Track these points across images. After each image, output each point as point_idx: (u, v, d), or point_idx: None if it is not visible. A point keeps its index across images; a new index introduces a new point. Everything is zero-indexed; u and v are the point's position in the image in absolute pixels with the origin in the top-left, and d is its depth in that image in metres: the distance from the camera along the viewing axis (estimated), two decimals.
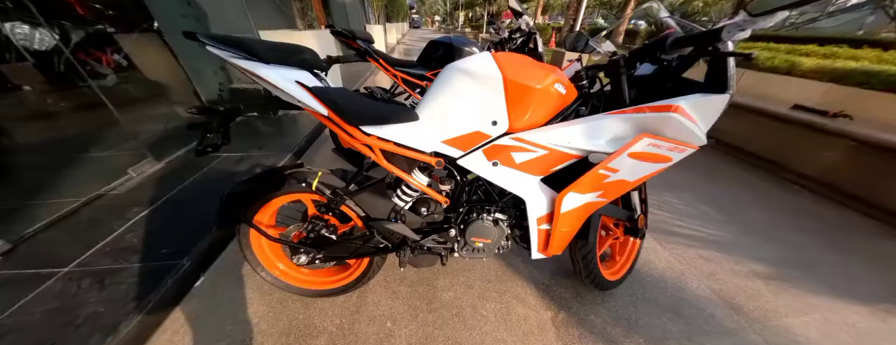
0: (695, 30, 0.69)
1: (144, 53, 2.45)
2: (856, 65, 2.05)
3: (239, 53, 0.69)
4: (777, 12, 0.54)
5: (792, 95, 2.18)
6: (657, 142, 0.71)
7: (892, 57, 2.22)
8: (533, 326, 1.11)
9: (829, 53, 2.35)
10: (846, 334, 1.12)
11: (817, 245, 1.55)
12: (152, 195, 1.61)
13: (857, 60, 2.13)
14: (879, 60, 2.16)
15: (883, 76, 1.86)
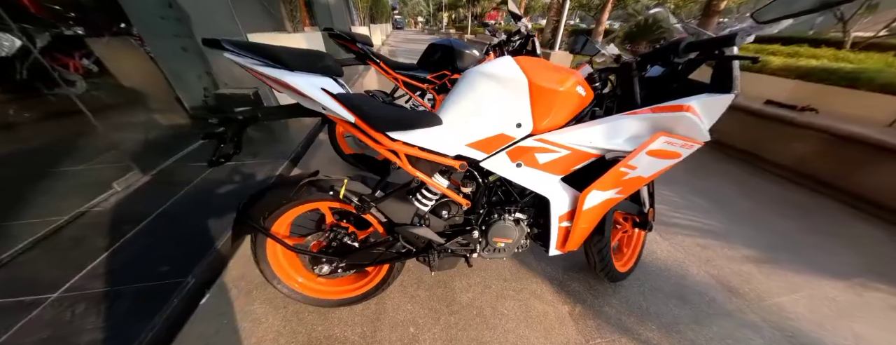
0: (705, 35, 0.74)
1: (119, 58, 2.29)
2: (817, 63, 2.26)
3: (263, 61, 0.67)
4: (781, 20, 0.59)
5: (764, 92, 2.37)
6: (672, 140, 0.76)
7: (844, 55, 2.47)
8: (553, 321, 1.14)
9: (793, 53, 2.57)
10: (828, 309, 1.23)
11: (798, 230, 1.69)
12: (142, 210, 1.52)
13: (818, 59, 2.35)
14: (836, 59, 2.40)
15: (841, 73, 2.06)
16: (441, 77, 1.76)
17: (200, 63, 2.30)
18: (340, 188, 0.79)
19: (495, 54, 1.84)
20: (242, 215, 0.87)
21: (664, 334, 1.10)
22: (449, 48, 1.69)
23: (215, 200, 1.63)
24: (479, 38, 10.13)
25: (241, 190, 1.72)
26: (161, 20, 2.01)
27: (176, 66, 2.24)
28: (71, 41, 2.58)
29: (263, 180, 1.84)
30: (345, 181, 0.82)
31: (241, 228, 0.91)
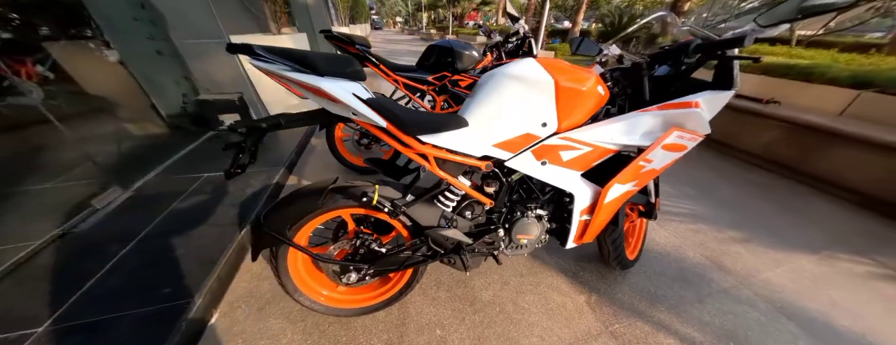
0: (711, 38, 0.81)
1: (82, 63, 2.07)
2: (776, 59, 2.51)
3: (292, 66, 0.64)
4: (781, 24, 0.66)
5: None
6: (683, 134, 0.82)
7: (798, 52, 2.77)
8: (572, 311, 1.18)
9: (753, 50, 2.84)
10: (807, 279, 1.37)
11: (772, 211, 1.87)
12: (130, 229, 1.40)
13: (775, 55, 2.61)
14: (790, 55, 2.68)
15: (798, 69, 2.31)
16: (441, 79, 1.76)
17: (178, 67, 2.15)
18: (374, 194, 0.78)
19: (493, 55, 1.87)
20: (263, 227, 0.83)
21: (674, 315, 1.18)
22: (449, 49, 1.70)
23: (210, 214, 1.53)
24: (460, 38, 10.21)
25: (237, 202, 1.63)
26: (133, 22, 1.85)
27: (150, 71, 2.07)
28: (21, 45, 2.30)
29: (261, 190, 1.75)
30: (376, 187, 0.80)
31: (262, 241, 0.87)
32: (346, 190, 0.84)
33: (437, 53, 1.74)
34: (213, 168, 1.95)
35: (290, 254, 0.93)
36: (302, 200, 0.84)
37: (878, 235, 1.67)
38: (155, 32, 1.97)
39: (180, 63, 2.14)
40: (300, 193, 0.86)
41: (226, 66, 2.26)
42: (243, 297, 1.22)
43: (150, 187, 1.73)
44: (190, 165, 1.98)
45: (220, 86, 2.33)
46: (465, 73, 1.74)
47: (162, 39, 2.01)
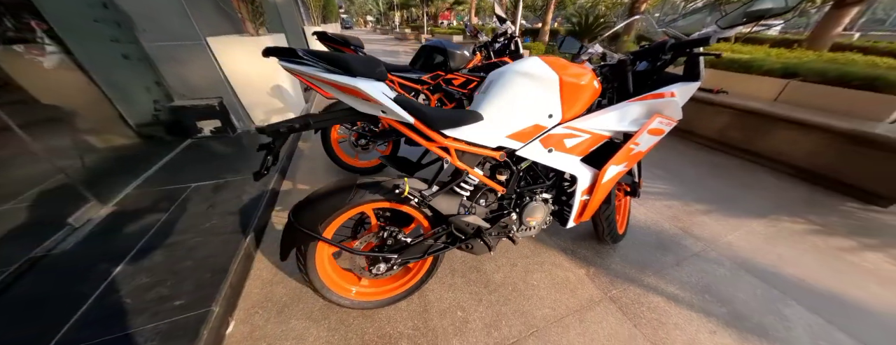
0: (682, 38, 0.95)
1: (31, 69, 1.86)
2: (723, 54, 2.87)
3: (327, 67, 0.68)
4: (737, 27, 0.81)
5: None
6: (663, 119, 0.97)
7: (738, 48, 3.18)
8: (575, 283, 1.32)
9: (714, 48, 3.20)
10: (759, 239, 1.63)
11: (727, 185, 2.16)
12: (121, 245, 1.31)
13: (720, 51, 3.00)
14: (732, 51, 3.07)
15: (740, 62, 2.66)
16: (435, 78, 1.82)
17: (148, 72, 2.00)
18: (405, 187, 0.83)
19: (482, 55, 1.96)
20: (295, 224, 0.85)
21: (659, 278, 1.35)
22: (441, 49, 1.76)
23: (208, 224, 1.47)
24: (436, 37, 10.23)
25: (235, 210, 1.58)
26: (94, 24, 1.70)
27: (115, 76, 1.91)
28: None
29: (258, 196, 1.70)
30: (406, 180, 0.86)
31: (296, 238, 0.88)
32: (375, 185, 0.89)
33: (431, 53, 1.80)
34: (200, 177, 1.86)
35: (318, 251, 0.96)
36: (331, 197, 0.87)
37: (809, 200, 2.01)
38: (120, 35, 1.81)
39: (150, 68, 1.99)
40: (328, 190, 0.89)
41: (202, 69, 2.14)
42: (259, 302, 1.21)
43: (132, 201, 1.61)
44: (173, 176, 1.86)
45: (197, 91, 2.20)
46: (458, 72, 1.82)
47: (128, 42, 1.86)
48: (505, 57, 1.81)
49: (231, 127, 2.37)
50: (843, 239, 1.64)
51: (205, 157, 2.12)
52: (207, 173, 1.89)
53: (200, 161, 2.05)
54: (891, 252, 1.54)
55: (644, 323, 1.15)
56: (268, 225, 1.63)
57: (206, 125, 2.28)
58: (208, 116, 2.24)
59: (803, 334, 1.12)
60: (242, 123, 2.52)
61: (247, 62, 2.25)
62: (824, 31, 4.52)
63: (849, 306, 1.24)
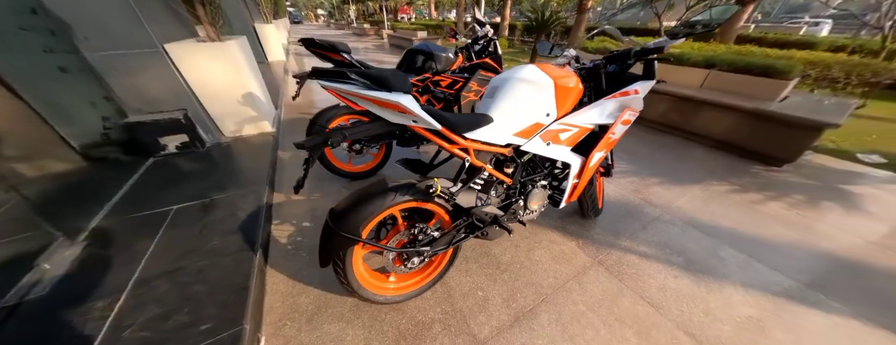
0: (643, 45, 1.17)
1: None
2: None
3: (367, 84, 0.74)
4: (681, 38, 1.05)
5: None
6: (632, 112, 1.19)
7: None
8: (569, 254, 1.55)
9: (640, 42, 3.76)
10: (698, 202, 2.03)
11: (671, 159, 2.60)
12: (111, 280, 1.21)
13: None
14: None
15: (673, 55, 3.15)
16: (423, 80, 1.90)
17: (93, 86, 1.74)
18: (437, 186, 0.93)
19: (463, 55, 2.07)
20: (336, 232, 0.90)
21: (632, 241, 1.65)
22: (429, 53, 1.84)
23: (207, 245, 1.40)
24: (397, 33, 9.94)
25: (234, 229, 1.51)
26: (21, 32, 1.43)
27: (51, 93, 1.64)
28: None
29: (254, 212, 1.64)
30: (436, 180, 0.95)
31: (338, 245, 0.93)
32: (404, 187, 0.97)
33: (418, 57, 1.86)
34: (180, 198, 1.72)
35: (354, 254, 1.02)
36: (367, 202, 0.94)
37: (729, 166, 2.52)
38: (55, 44, 1.55)
39: (95, 81, 1.74)
40: (362, 195, 0.95)
41: (161, 79, 1.92)
42: (285, 314, 1.23)
43: (106, 232, 1.45)
44: (146, 200, 1.69)
45: (156, 103, 1.97)
46: (444, 73, 1.91)
47: (66, 52, 1.60)
48: (485, 58, 1.95)
49: (199, 141, 2.18)
50: (754, 194, 2.12)
51: (177, 176, 1.94)
52: (187, 193, 1.75)
53: (173, 181, 1.87)
54: (785, 200, 2.05)
55: (627, 278, 1.41)
56: (270, 239, 1.60)
57: (171, 141, 2.06)
58: (172, 131, 2.03)
59: (734, 268, 1.48)
60: (212, 135, 2.32)
61: (211, 69, 2.07)
62: (730, 25, 5.47)
63: (761, 243, 1.65)
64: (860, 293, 1.36)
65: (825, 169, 2.50)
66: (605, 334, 1.16)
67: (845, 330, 1.20)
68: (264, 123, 2.59)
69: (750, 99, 2.64)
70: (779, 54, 3.08)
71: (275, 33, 6.18)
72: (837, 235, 1.73)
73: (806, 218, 1.87)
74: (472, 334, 1.15)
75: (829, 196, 2.11)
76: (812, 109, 2.41)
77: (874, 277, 1.46)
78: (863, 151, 2.97)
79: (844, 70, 3.02)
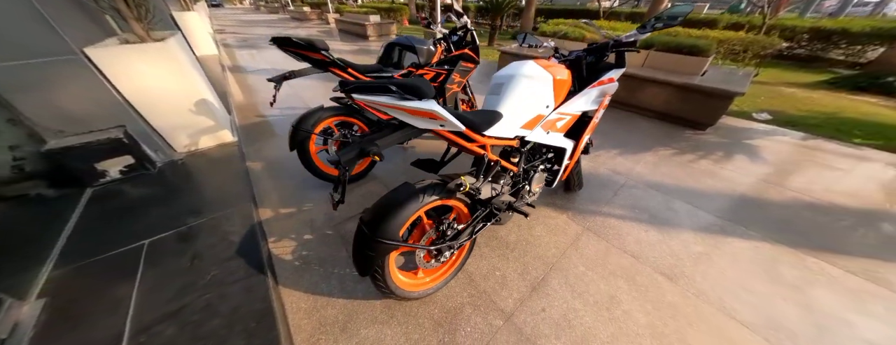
0: (617, 38, 1.31)
1: None
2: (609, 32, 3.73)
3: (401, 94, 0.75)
4: (648, 32, 1.22)
5: None
6: (608, 98, 1.37)
7: (611, 25, 4.17)
8: (562, 225, 1.76)
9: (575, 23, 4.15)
10: (651, 166, 2.41)
11: (625, 132, 3.00)
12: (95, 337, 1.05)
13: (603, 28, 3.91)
14: (612, 28, 4.02)
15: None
16: (407, 75, 1.86)
17: None
18: (465, 184, 0.99)
19: (442, 47, 2.06)
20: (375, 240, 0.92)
21: (609, 206, 1.93)
22: (410, 46, 1.79)
23: (208, 276, 1.29)
24: (346, 16, 9.07)
25: (231, 255, 1.40)
26: None
27: None
28: None
29: (248, 233, 1.52)
30: (464, 178, 1.00)
31: (379, 252, 0.95)
32: (428, 187, 1.00)
33: (399, 51, 1.81)
34: (146, 231, 1.50)
35: (391, 258, 1.05)
36: (400, 207, 0.95)
37: (669, 134, 3.00)
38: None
39: None
40: (392, 201, 0.96)
41: (86, 92, 1.57)
42: (317, 329, 1.22)
43: (64, 284, 1.22)
44: (100, 240, 1.44)
45: (83, 122, 1.62)
46: (427, 67, 1.90)
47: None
48: (464, 49, 1.98)
49: (148, 161, 1.87)
50: (689, 155, 2.58)
51: (130, 206, 1.66)
52: (154, 224, 1.53)
53: (128, 213, 1.61)
54: (710, 158, 2.55)
55: (611, 237, 1.68)
56: (272, 258, 1.52)
57: (112, 165, 1.73)
58: (112, 153, 1.70)
59: (684, 217, 1.85)
60: (162, 153, 2.00)
61: (149, 75, 1.74)
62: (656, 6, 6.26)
63: (699, 194, 2.07)
64: (765, 221, 1.83)
65: (733, 129, 3.13)
66: (604, 286, 1.40)
67: (761, 250, 1.62)
68: (223, 132, 2.30)
69: (679, 75, 3.12)
70: (698, 34, 3.64)
71: (199, 22, 5.23)
72: (746, 179, 2.25)
73: (725, 169, 2.38)
74: (499, 309, 1.29)
75: (738, 150, 2.68)
76: (724, 80, 2.96)
77: (771, 207, 1.96)
78: (756, 110, 3.77)
79: (743, 45, 3.71)
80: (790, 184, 2.21)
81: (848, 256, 1.59)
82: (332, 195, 0.83)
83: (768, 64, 6.52)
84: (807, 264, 1.54)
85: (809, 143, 2.88)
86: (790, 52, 6.95)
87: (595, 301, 1.33)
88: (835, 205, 1.99)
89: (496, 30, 7.44)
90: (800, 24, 6.59)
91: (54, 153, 1.55)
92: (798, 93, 4.67)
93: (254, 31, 9.81)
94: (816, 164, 2.50)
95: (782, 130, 3.15)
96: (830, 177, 2.31)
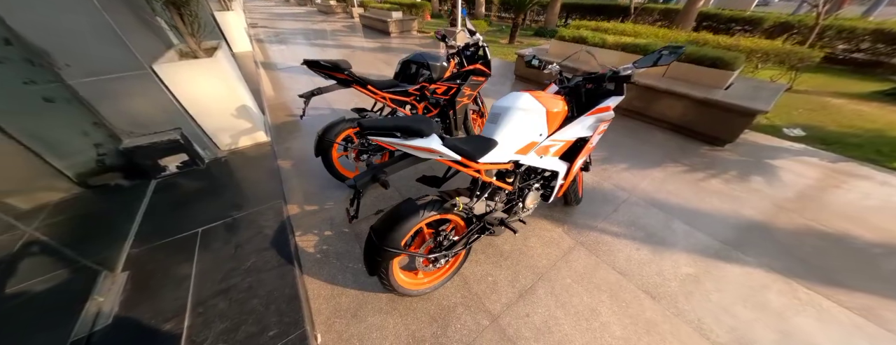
0: (615, 70, 1.39)
1: None
2: (629, 40, 3.61)
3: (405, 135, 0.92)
4: (644, 68, 1.28)
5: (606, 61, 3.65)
6: (606, 124, 1.45)
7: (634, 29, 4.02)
8: (557, 239, 1.88)
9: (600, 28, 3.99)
10: (657, 182, 2.44)
11: (636, 143, 2.99)
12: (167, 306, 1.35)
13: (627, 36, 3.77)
14: (636, 34, 3.88)
15: (640, 46, 3.42)
16: (421, 89, 2.02)
17: (81, 114, 1.69)
18: (459, 203, 1.15)
19: (455, 61, 2.18)
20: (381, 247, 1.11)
21: (606, 222, 2.01)
22: (423, 63, 1.94)
23: (248, 262, 1.56)
24: (369, 12, 9.24)
25: (267, 246, 1.67)
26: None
27: (38, 125, 1.59)
28: None
29: (280, 228, 1.78)
30: (458, 199, 1.17)
31: (384, 257, 1.14)
32: (429, 203, 1.18)
33: (413, 67, 1.97)
34: (200, 220, 1.81)
35: (394, 262, 1.25)
36: (403, 220, 1.14)
37: (682, 147, 2.95)
38: (35, 75, 1.47)
39: (83, 108, 1.68)
40: (396, 214, 1.15)
41: (153, 101, 1.88)
42: (333, 314, 1.46)
43: (141, 261, 1.54)
44: (164, 225, 1.77)
45: (149, 125, 1.94)
46: (440, 81, 2.05)
47: (48, 82, 1.53)
48: (477, 64, 2.09)
49: (199, 159, 2.19)
50: (700, 173, 2.56)
51: (186, 197, 1.98)
52: (206, 214, 1.83)
53: (184, 202, 1.93)
54: (722, 177, 2.51)
55: (602, 253, 1.78)
56: (298, 250, 1.77)
57: (171, 162, 2.07)
58: (171, 152, 2.02)
59: (681, 237, 1.90)
60: (209, 151, 2.32)
61: (202, 85, 2.03)
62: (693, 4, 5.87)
63: (701, 215, 2.09)
64: (765, 247, 1.84)
65: (756, 146, 3.01)
66: (587, 298, 1.52)
67: (753, 276, 1.66)
68: (259, 133, 2.60)
69: (702, 87, 3.02)
70: (729, 43, 3.46)
71: (237, 20, 5.63)
72: (757, 202, 2.22)
73: (736, 191, 2.35)
74: (487, 311, 1.46)
75: (757, 171, 2.61)
76: (749, 96, 2.84)
77: (776, 233, 1.95)
78: (789, 125, 3.55)
79: (779, 56, 3.48)
80: (804, 211, 2.15)
81: (847, 291, 1.59)
82: (348, 210, 1.03)
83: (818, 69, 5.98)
84: (798, 294, 1.57)
85: (840, 166, 2.73)
86: (847, 56, 6.29)
87: (576, 311, 1.46)
88: (849, 236, 1.95)
89: (517, 28, 7.31)
90: (861, 25, 5.91)
91: (128, 151, 1.89)
92: (846, 105, 4.30)
93: (284, 26, 10.25)
94: (840, 189, 2.39)
95: (812, 150, 2.98)
96: (852, 205, 2.22)
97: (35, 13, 1.42)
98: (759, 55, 3.48)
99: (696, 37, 3.64)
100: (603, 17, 9.14)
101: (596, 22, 4.54)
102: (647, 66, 1.27)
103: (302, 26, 10.06)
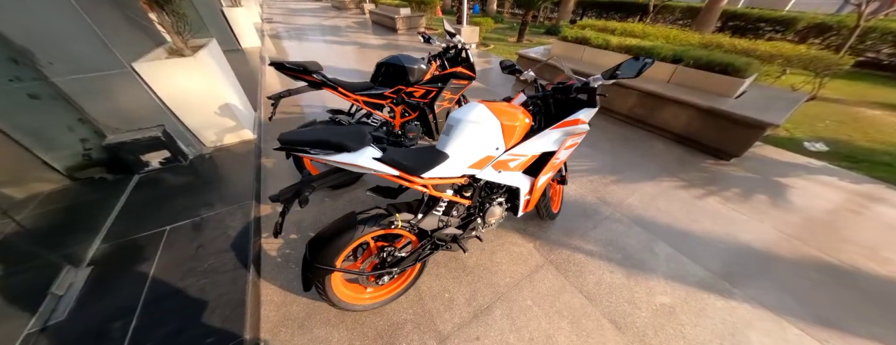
0: (583, 81, 1.28)
1: None
2: (634, 42, 3.39)
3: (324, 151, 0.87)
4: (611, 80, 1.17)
5: (607, 63, 3.44)
6: (576, 138, 1.35)
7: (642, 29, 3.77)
8: (526, 255, 1.79)
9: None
10: (647, 198, 2.27)
11: (631, 154, 2.81)
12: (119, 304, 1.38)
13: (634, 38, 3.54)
14: (644, 34, 3.64)
15: (645, 49, 3.21)
16: (397, 92, 1.97)
17: (66, 110, 1.76)
18: (397, 221, 1.09)
19: (436, 64, 2.11)
20: (313, 264, 1.08)
21: (582, 240, 1.89)
22: (400, 66, 1.89)
23: (205, 264, 1.57)
24: (379, 8, 9.23)
25: (227, 247, 1.67)
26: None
27: (25, 120, 1.66)
28: None
29: (244, 228, 1.79)
30: (397, 216, 1.11)
31: (316, 273, 1.11)
32: (372, 218, 1.12)
33: (389, 69, 1.91)
34: (171, 217, 1.84)
35: (332, 277, 1.21)
36: (339, 235, 1.09)
37: (682, 160, 2.75)
38: (20, 73, 1.54)
39: (68, 104, 1.75)
40: (334, 229, 1.10)
41: (134, 98, 1.93)
42: (280, 322, 1.44)
43: (108, 257, 1.59)
44: (139, 221, 1.81)
45: (133, 122, 2.00)
46: (418, 84, 1.98)
47: (33, 80, 1.59)
48: (458, 67, 2.01)
49: (182, 155, 2.24)
50: (697, 190, 2.37)
51: (164, 193, 2.03)
52: (177, 212, 1.87)
53: (161, 199, 1.98)
54: (722, 195, 2.31)
55: (571, 275, 1.67)
56: (261, 253, 1.77)
57: (153, 158, 2.12)
58: (153, 148, 2.08)
59: (663, 261, 1.76)
60: (193, 148, 2.37)
61: (185, 84, 2.07)
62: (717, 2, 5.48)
63: (691, 237, 1.92)
64: (758, 280, 1.66)
65: (767, 162, 2.76)
66: (545, 324, 1.43)
67: (738, 311, 1.51)
68: (244, 131, 2.63)
69: (710, 95, 2.80)
70: (745, 47, 3.18)
71: (246, 15, 5.78)
72: (757, 227, 2.02)
73: (735, 211, 2.15)
74: (437, 331, 1.40)
75: (763, 189, 2.38)
76: (761, 106, 2.60)
77: (774, 265, 1.76)
78: (811, 138, 3.24)
79: (803, 62, 3.17)
80: (811, 239, 1.94)
81: (844, 333, 1.42)
82: (277, 224, 0.99)
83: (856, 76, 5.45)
84: (787, 334, 1.41)
85: (862, 188, 2.45)
86: (892, 62, 5.69)
87: (530, 338, 1.38)
88: (859, 270, 1.74)
89: (527, 25, 7.09)
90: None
91: (111, 146, 1.95)
92: (882, 117, 3.88)
93: (298, 21, 10.47)
94: (859, 216, 2.15)
95: (832, 169, 2.70)
96: (869, 235, 1.98)
97: (16, 13, 1.48)
98: (780, 60, 3.18)
99: (709, 39, 3.37)
100: (621, 14, 8.72)
101: (604, 21, 4.30)
102: (607, 80, 1.16)
103: (314, 22, 10.22)
